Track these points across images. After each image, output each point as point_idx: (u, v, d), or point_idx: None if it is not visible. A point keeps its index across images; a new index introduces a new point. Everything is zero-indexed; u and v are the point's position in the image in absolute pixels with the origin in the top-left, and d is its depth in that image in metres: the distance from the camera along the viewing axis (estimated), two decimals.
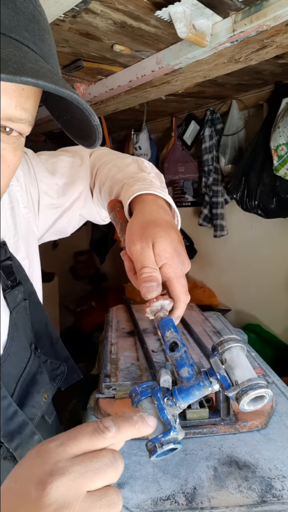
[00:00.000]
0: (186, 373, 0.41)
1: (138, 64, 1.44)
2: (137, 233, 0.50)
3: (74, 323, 3.46)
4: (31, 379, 0.57)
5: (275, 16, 0.97)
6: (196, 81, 1.58)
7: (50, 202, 0.71)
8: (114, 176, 0.66)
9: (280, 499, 0.61)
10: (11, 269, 0.58)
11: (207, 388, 0.40)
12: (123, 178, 0.63)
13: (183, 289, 0.48)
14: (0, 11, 0.35)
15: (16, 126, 0.40)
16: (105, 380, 0.93)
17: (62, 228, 0.78)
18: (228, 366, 0.39)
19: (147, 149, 2.62)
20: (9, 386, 0.52)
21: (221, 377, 0.39)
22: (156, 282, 0.47)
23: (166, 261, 0.48)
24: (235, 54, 1.26)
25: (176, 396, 0.40)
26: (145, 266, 0.47)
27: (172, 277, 0.48)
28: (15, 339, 0.55)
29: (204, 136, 2.32)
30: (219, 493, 0.62)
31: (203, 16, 1.02)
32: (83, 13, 1.01)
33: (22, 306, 0.59)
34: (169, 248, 0.49)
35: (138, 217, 0.53)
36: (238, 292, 2.55)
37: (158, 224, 0.51)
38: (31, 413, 0.54)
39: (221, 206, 2.36)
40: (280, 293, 2.26)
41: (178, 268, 0.49)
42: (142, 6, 0.99)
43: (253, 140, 2.01)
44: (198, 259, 2.78)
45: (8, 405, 0.50)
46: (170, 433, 0.37)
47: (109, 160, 0.73)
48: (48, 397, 0.60)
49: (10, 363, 0.53)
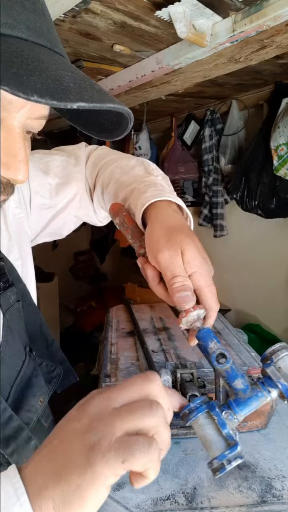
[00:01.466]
0: (241, 384, 0.39)
1: (138, 64, 1.44)
2: (162, 240, 0.49)
3: (74, 323, 3.46)
4: (26, 382, 0.56)
5: (275, 16, 0.97)
6: (196, 81, 1.58)
7: (42, 202, 0.70)
8: (119, 179, 0.65)
9: (280, 499, 0.61)
10: (3, 270, 0.57)
11: (266, 398, 0.38)
12: (130, 181, 0.62)
13: (214, 297, 0.48)
14: (41, 26, 0.37)
15: (39, 122, 0.43)
16: (105, 380, 0.93)
17: (57, 230, 0.76)
18: (284, 374, 0.38)
19: (147, 149, 2.62)
20: (3, 390, 0.51)
21: (282, 386, 0.38)
22: (190, 291, 0.46)
23: (196, 269, 0.48)
24: (235, 54, 1.26)
25: (235, 409, 0.38)
26: (177, 275, 0.46)
27: (203, 285, 0.47)
28: (9, 342, 0.54)
29: (204, 136, 2.32)
30: (219, 493, 0.62)
31: (203, 16, 1.02)
32: (83, 13, 1.01)
33: (16, 308, 0.58)
34: (197, 256, 0.48)
35: (158, 225, 0.52)
36: (238, 292, 2.55)
37: (182, 231, 0.50)
38: (27, 417, 0.53)
39: (221, 206, 2.36)
40: (280, 293, 2.26)
41: (208, 276, 0.48)
42: (142, 6, 0.99)
43: (253, 140, 2.01)
44: None
45: (3, 410, 0.49)
46: (237, 448, 0.36)
47: (111, 160, 0.71)
48: (44, 400, 0.59)
49: (4, 367, 0.52)
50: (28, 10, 0.36)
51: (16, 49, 0.33)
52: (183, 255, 0.48)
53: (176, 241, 0.48)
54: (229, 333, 1.32)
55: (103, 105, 0.35)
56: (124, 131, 0.43)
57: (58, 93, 0.32)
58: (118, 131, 0.44)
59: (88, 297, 3.60)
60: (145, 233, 0.53)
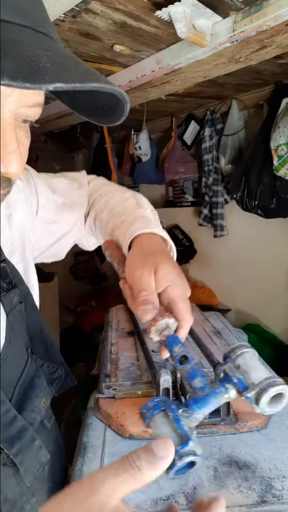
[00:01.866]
0: (199, 383, 0.39)
1: (138, 64, 1.44)
2: (137, 261, 0.52)
3: (74, 323, 3.46)
4: (29, 383, 0.56)
5: (275, 16, 0.97)
6: (196, 81, 1.58)
7: (47, 216, 0.72)
8: (112, 209, 0.69)
9: (280, 499, 0.61)
10: (6, 271, 0.57)
11: (223, 395, 0.38)
12: (121, 212, 0.66)
13: (187, 309, 0.49)
14: (24, 5, 0.35)
15: (35, 110, 0.41)
16: (105, 380, 0.93)
17: (59, 252, 0.80)
18: (242, 371, 0.38)
19: (147, 149, 2.61)
20: (7, 390, 0.51)
21: (238, 380, 0.37)
22: (151, 304, 0.48)
23: (170, 283, 0.50)
24: (235, 54, 1.26)
25: (192, 407, 0.37)
26: (142, 289, 0.49)
27: (176, 297, 0.49)
28: (12, 342, 0.54)
29: (204, 136, 2.32)
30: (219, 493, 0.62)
31: (203, 16, 1.02)
32: (83, 13, 1.01)
33: (18, 309, 0.58)
34: (171, 271, 0.51)
35: (137, 249, 0.56)
36: (238, 292, 2.55)
37: (158, 253, 0.54)
38: (31, 417, 0.54)
39: (221, 206, 2.36)
40: (280, 293, 2.26)
41: (182, 289, 0.50)
42: (142, 6, 0.99)
43: (253, 140, 2.01)
44: (198, 259, 2.78)
45: (7, 410, 0.49)
46: (188, 444, 0.34)
47: (108, 191, 0.76)
48: (47, 401, 0.59)
49: (8, 367, 0.52)
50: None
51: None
52: (156, 272, 0.50)
53: (150, 261, 0.51)
54: (229, 333, 1.31)
55: (85, 84, 0.32)
56: (122, 115, 0.41)
57: (32, 75, 0.29)
58: (116, 115, 0.42)
59: (88, 297, 3.60)
60: (127, 257, 0.56)
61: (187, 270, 2.86)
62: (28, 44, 0.33)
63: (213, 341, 1.21)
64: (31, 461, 0.51)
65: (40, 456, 0.53)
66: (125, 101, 0.39)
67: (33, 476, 0.51)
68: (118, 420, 0.80)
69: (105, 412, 0.84)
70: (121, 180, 3.03)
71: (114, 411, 0.83)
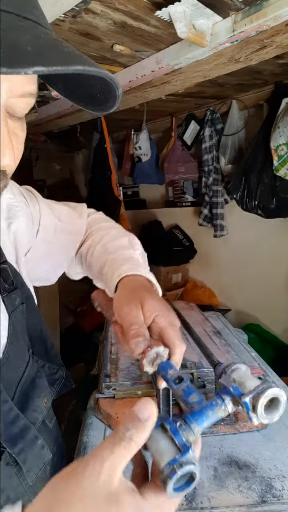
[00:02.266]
0: (195, 397, 0.39)
1: (138, 64, 1.44)
2: (124, 298, 0.55)
3: (74, 323, 3.46)
4: (31, 383, 0.56)
5: (275, 16, 0.97)
6: (196, 81, 1.57)
7: (45, 236, 0.73)
8: (105, 244, 0.73)
9: (280, 499, 0.61)
10: (7, 272, 0.58)
11: (220, 407, 0.38)
12: (113, 250, 0.70)
13: (177, 336, 0.50)
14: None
15: (26, 101, 0.40)
16: (105, 380, 0.93)
17: (51, 276, 0.85)
18: (238, 382, 0.38)
19: (147, 149, 2.61)
20: (9, 390, 0.51)
21: (233, 388, 0.37)
22: (142, 337, 0.49)
23: (158, 313, 0.51)
24: (235, 54, 1.26)
25: (189, 419, 0.37)
26: (132, 324, 0.50)
27: (165, 325, 0.50)
28: (14, 343, 0.55)
29: (204, 136, 2.32)
30: (219, 493, 0.62)
31: (203, 16, 1.02)
32: (83, 13, 1.01)
33: (20, 310, 0.59)
34: (158, 303, 0.53)
35: (123, 289, 0.59)
36: (238, 292, 2.55)
37: (142, 289, 0.57)
38: (33, 417, 0.54)
39: (221, 206, 2.36)
40: (280, 293, 2.26)
41: (170, 318, 0.52)
42: (142, 6, 0.99)
43: (253, 140, 2.01)
44: (198, 259, 2.78)
45: (9, 409, 0.50)
46: (188, 452, 0.33)
47: (105, 227, 0.80)
48: (48, 401, 0.59)
49: (10, 367, 0.52)
50: None
51: None
52: (143, 305, 0.52)
53: (136, 297, 0.53)
54: (229, 333, 1.32)
55: (67, 67, 0.30)
56: (115, 100, 0.40)
57: (10, 59, 0.28)
58: (110, 102, 0.41)
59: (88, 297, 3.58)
60: (114, 298, 0.58)
61: (187, 270, 2.86)
62: (9, 29, 0.31)
63: (213, 341, 1.21)
64: (33, 460, 0.51)
65: (43, 455, 0.53)
66: (115, 84, 0.38)
67: (35, 476, 0.51)
68: (118, 420, 0.80)
69: (105, 412, 0.84)
70: (121, 180, 3.03)
71: (114, 411, 0.83)
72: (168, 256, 2.69)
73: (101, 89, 0.40)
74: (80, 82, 0.41)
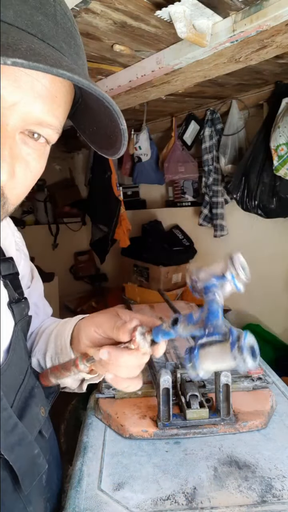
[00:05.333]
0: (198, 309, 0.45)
1: (138, 64, 1.44)
2: (99, 319, 0.56)
3: None
4: (29, 392, 0.56)
5: (275, 16, 0.97)
6: (196, 81, 1.57)
7: (26, 282, 0.72)
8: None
9: (280, 499, 0.61)
10: (18, 282, 0.59)
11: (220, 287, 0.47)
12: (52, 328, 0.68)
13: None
14: (41, 21, 0.35)
15: (45, 131, 0.41)
16: (105, 380, 0.93)
17: None
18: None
19: (147, 149, 2.61)
20: (8, 397, 0.51)
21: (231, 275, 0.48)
22: (128, 324, 0.51)
23: (133, 314, 0.54)
24: (235, 54, 1.26)
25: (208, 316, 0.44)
26: (116, 321, 0.52)
27: (144, 317, 0.53)
28: (16, 350, 0.55)
29: (204, 136, 2.32)
30: (219, 493, 0.62)
31: (203, 16, 1.02)
32: (83, 13, 1.01)
33: (26, 321, 0.60)
34: (131, 311, 0.56)
35: (89, 320, 0.59)
36: (238, 292, 2.55)
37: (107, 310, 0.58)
38: (31, 425, 0.54)
39: (221, 206, 2.36)
40: (280, 293, 2.26)
41: (147, 315, 0.55)
42: (142, 6, 0.99)
43: (253, 140, 2.01)
44: (198, 259, 2.78)
45: (8, 417, 0.49)
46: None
47: None
48: (45, 411, 0.59)
49: (10, 374, 0.52)
50: (30, 6, 0.35)
51: None
52: (119, 315, 0.54)
53: (108, 311, 0.56)
54: None
55: (50, 68, 0.29)
56: (122, 136, 0.42)
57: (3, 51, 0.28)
58: (118, 139, 0.43)
59: (88, 297, 3.60)
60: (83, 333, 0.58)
61: (187, 270, 2.86)
62: (14, 35, 0.31)
63: None
64: (29, 469, 0.51)
65: (39, 464, 0.53)
66: (116, 111, 0.38)
67: (31, 485, 0.51)
68: (118, 420, 0.80)
69: (105, 412, 0.84)
70: (121, 180, 3.03)
71: (114, 411, 0.83)
72: (168, 256, 2.69)
73: (110, 126, 0.42)
74: (101, 124, 0.43)
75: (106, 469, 0.69)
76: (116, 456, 0.72)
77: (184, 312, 0.47)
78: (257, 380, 0.92)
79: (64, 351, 0.61)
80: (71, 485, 0.66)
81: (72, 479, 0.68)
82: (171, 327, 0.46)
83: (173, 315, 0.47)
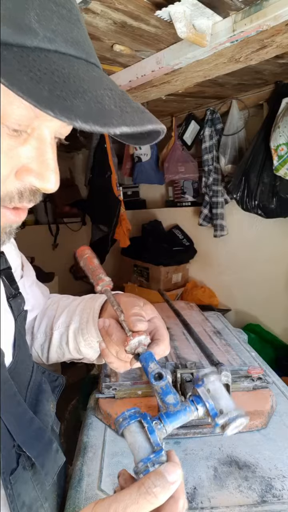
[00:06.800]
0: (172, 399, 0.43)
1: (138, 64, 1.44)
2: (127, 296, 0.59)
3: None
4: (38, 387, 0.56)
5: (275, 16, 0.97)
6: (196, 81, 1.57)
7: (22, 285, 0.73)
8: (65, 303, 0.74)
9: (280, 499, 0.61)
10: (12, 277, 0.59)
11: (193, 413, 0.42)
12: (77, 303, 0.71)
13: (167, 334, 0.54)
14: (76, 35, 0.36)
15: (68, 129, 0.44)
16: (105, 380, 0.93)
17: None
18: (212, 396, 0.43)
19: (147, 149, 2.62)
20: (20, 392, 0.51)
21: (209, 406, 0.42)
22: (144, 317, 0.52)
23: (155, 316, 0.56)
24: (235, 54, 1.26)
25: (164, 420, 0.42)
26: (135, 306, 0.55)
27: (159, 326, 0.54)
28: (21, 346, 0.55)
29: (204, 136, 2.32)
30: (219, 493, 0.62)
31: (203, 16, 1.02)
32: (83, 13, 1.01)
33: (23, 316, 0.59)
34: (155, 310, 0.58)
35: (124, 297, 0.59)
36: (238, 292, 2.55)
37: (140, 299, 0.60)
38: (45, 421, 0.54)
39: (221, 206, 2.36)
40: (280, 293, 2.26)
41: (163, 322, 0.56)
42: (142, 6, 0.99)
43: (253, 140, 2.01)
44: (198, 259, 2.78)
45: (24, 411, 0.49)
46: (161, 452, 0.39)
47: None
48: (54, 406, 0.60)
49: (19, 370, 0.53)
50: (66, 19, 0.35)
51: (57, 67, 0.32)
52: (145, 306, 0.56)
53: (138, 298, 0.58)
54: (229, 333, 1.32)
55: (143, 127, 0.35)
56: (152, 140, 0.43)
57: (101, 118, 0.31)
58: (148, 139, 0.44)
59: None
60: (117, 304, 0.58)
61: (187, 270, 2.87)
62: (90, 81, 0.34)
63: (213, 341, 1.21)
64: (50, 464, 0.51)
65: (58, 459, 0.53)
66: (162, 133, 0.41)
67: (52, 479, 0.51)
68: None
69: (105, 412, 0.84)
70: (121, 180, 3.03)
71: (114, 411, 0.83)
72: (168, 256, 2.69)
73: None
74: None
75: (106, 469, 0.69)
76: (116, 456, 0.72)
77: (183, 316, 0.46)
78: (257, 380, 0.92)
79: (90, 323, 0.63)
80: (71, 485, 0.66)
81: (72, 479, 0.68)
82: (153, 378, 0.46)
83: (160, 371, 0.46)
